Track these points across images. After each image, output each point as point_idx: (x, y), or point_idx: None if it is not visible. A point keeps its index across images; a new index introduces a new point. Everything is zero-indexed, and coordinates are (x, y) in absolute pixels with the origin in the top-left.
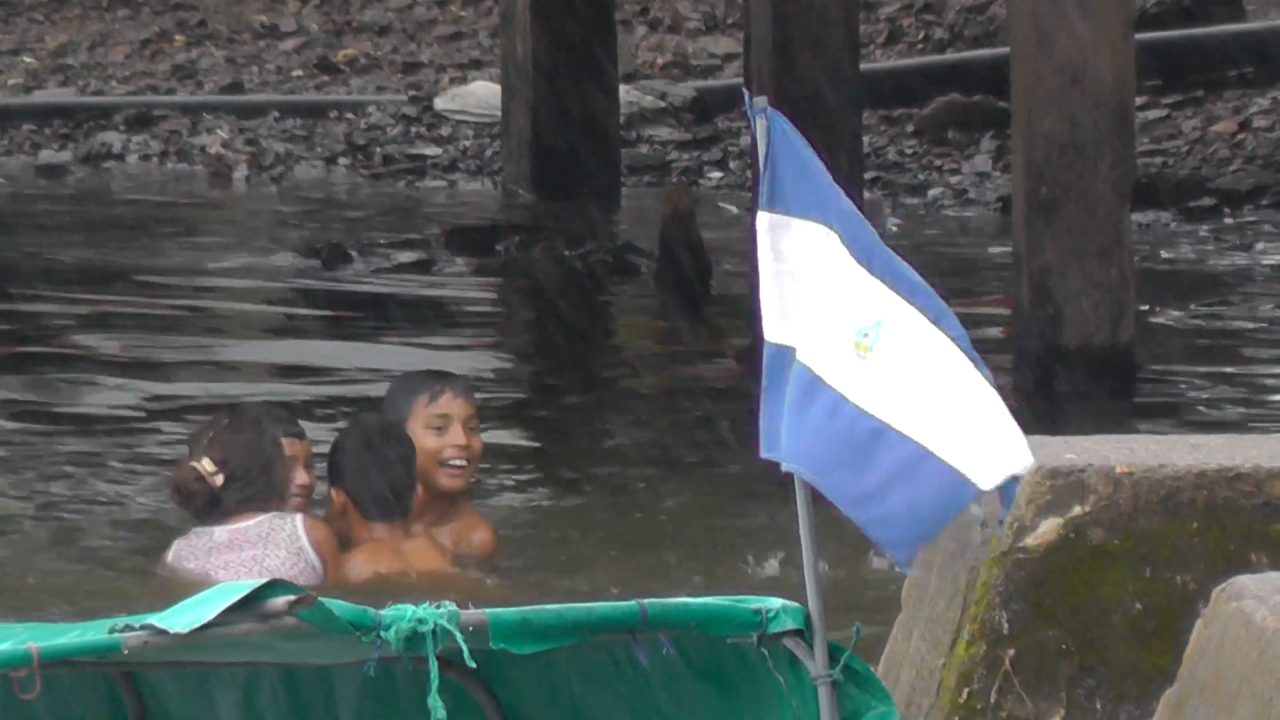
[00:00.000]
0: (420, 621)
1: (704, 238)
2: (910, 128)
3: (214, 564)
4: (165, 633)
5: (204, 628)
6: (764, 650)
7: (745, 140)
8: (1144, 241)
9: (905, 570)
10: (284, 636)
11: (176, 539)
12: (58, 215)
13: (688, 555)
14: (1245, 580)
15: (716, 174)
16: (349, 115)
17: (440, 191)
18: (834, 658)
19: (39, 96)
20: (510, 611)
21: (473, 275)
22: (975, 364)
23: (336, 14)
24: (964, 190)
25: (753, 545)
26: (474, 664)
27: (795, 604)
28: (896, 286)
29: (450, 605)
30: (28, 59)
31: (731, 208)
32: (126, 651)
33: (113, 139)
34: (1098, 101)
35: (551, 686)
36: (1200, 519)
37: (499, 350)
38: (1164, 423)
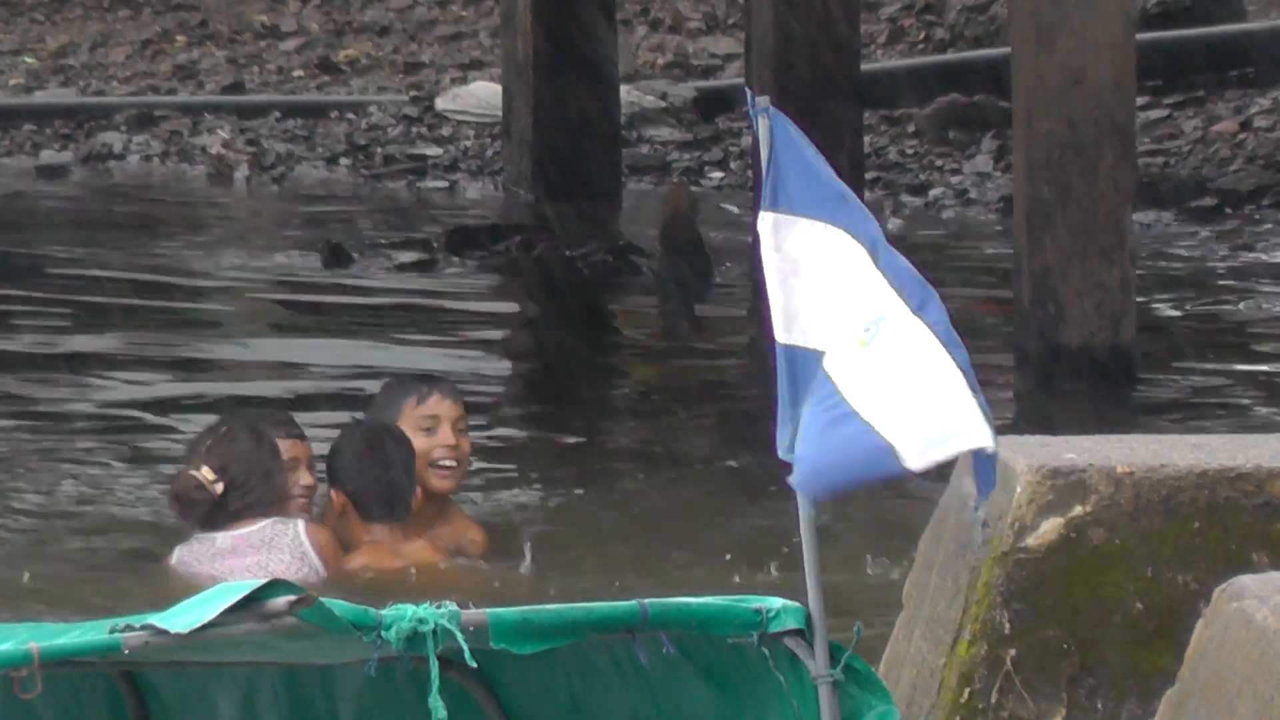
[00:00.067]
0: (421, 621)
1: (705, 238)
2: (911, 128)
3: (218, 570)
4: (166, 633)
5: (204, 628)
6: (765, 650)
7: (746, 140)
8: (1145, 241)
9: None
10: (284, 636)
11: (178, 545)
12: (58, 215)
13: (688, 554)
14: (1246, 580)
15: (717, 174)
16: (350, 115)
17: (441, 192)
18: (835, 657)
19: (40, 97)
20: (511, 611)
21: (473, 275)
22: (951, 348)
23: (337, 14)
24: (965, 190)
25: (753, 544)
26: (475, 664)
27: (796, 603)
28: (894, 280)
29: (451, 605)
30: (29, 59)
31: (733, 208)
32: (127, 651)
33: (114, 139)
34: (1099, 101)
35: (552, 686)
36: (1201, 519)
37: (499, 350)
38: (1165, 422)
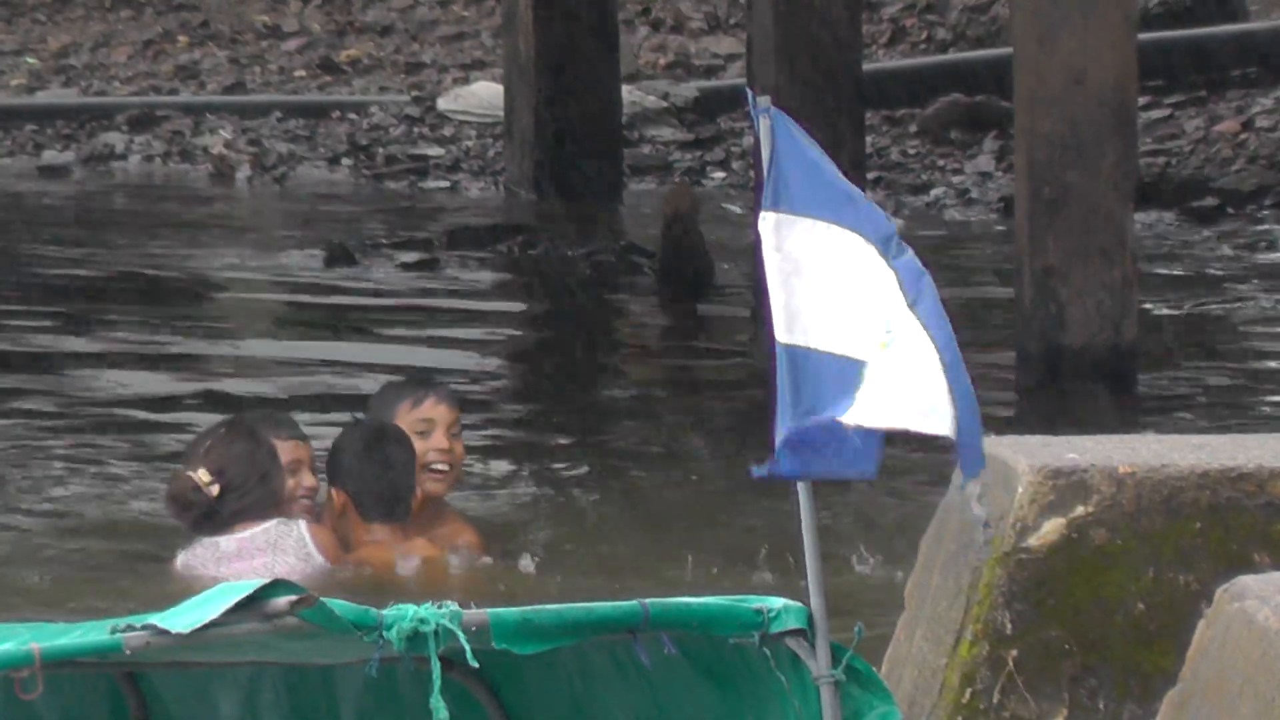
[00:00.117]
0: (422, 621)
1: (706, 238)
2: (913, 128)
3: (224, 574)
4: (167, 633)
5: (206, 628)
6: (766, 650)
7: (748, 140)
8: (1147, 242)
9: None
10: (286, 636)
11: (182, 550)
12: (60, 215)
13: (689, 555)
14: (1248, 580)
15: (719, 174)
16: (351, 115)
17: (443, 192)
18: (836, 657)
19: (42, 97)
20: (512, 611)
21: (475, 275)
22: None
23: (339, 14)
24: (966, 190)
25: (754, 544)
26: (476, 664)
27: (797, 604)
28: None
29: (452, 605)
30: (30, 59)
31: (734, 208)
32: (128, 652)
33: (115, 139)
34: (1100, 101)
35: (554, 686)
36: (1203, 519)
37: (501, 350)
38: (1166, 423)
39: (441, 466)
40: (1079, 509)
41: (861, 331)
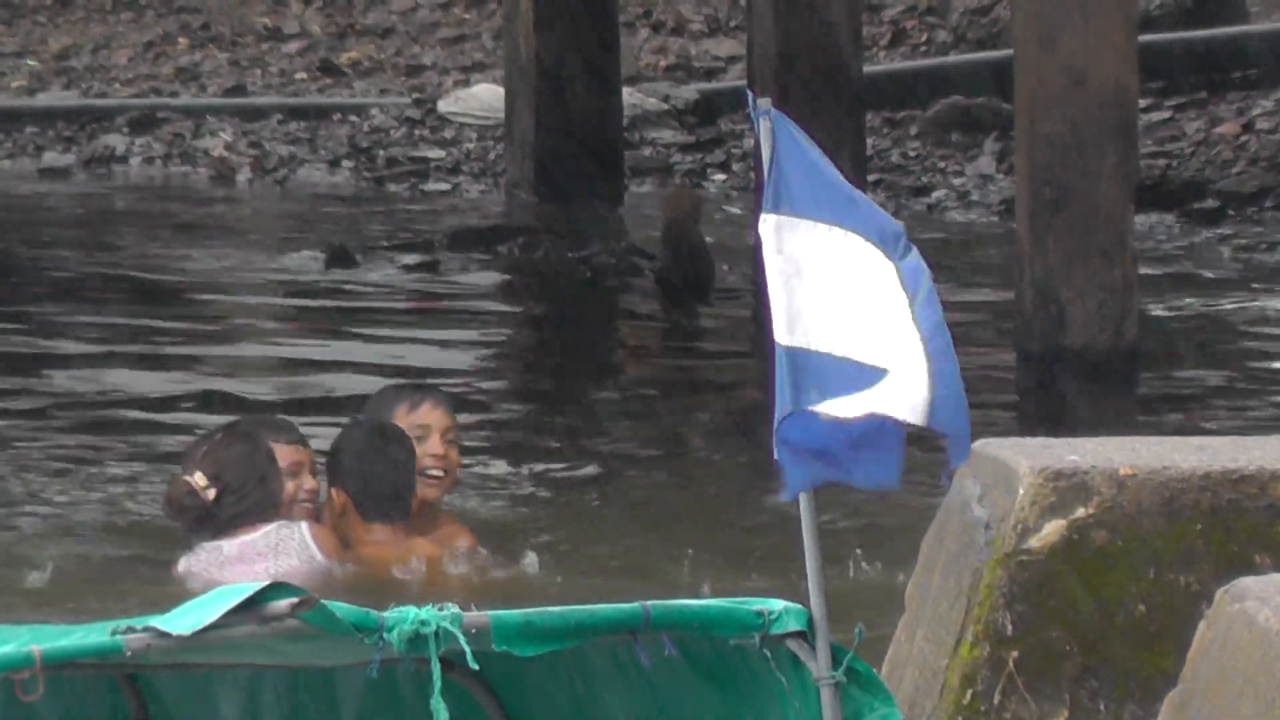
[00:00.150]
0: (423, 623)
1: (707, 240)
2: (913, 130)
3: (227, 578)
4: (167, 635)
5: (206, 630)
6: (766, 652)
7: (749, 143)
8: (1147, 243)
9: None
10: (286, 638)
11: (184, 555)
12: (61, 217)
13: (690, 556)
14: (1249, 582)
15: (720, 176)
16: (352, 118)
17: (443, 194)
18: (837, 659)
19: (42, 99)
20: (513, 613)
21: (476, 277)
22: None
23: (339, 16)
24: (967, 192)
25: (755, 546)
26: (477, 666)
27: (798, 605)
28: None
29: (453, 607)
30: (31, 61)
31: (735, 210)
32: (128, 653)
33: (116, 141)
34: (1101, 103)
35: (554, 688)
36: (1204, 521)
37: (501, 352)
38: (1167, 424)
39: (437, 472)
40: (1080, 510)
41: (863, 334)
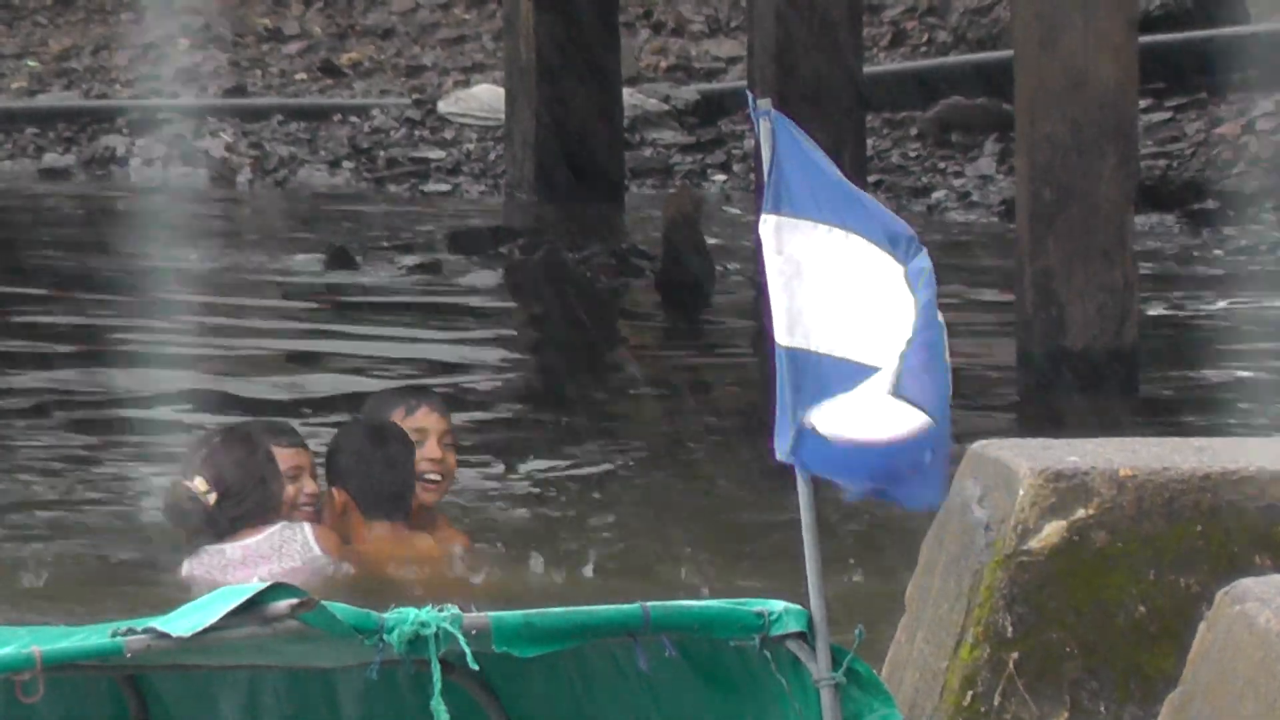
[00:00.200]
0: (423, 625)
1: (707, 241)
2: (914, 131)
3: (231, 581)
4: (168, 636)
5: (206, 631)
6: (766, 653)
7: (749, 143)
8: (1147, 244)
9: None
10: (287, 640)
11: (187, 558)
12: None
13: (690, 557)
14: (1249, 583)
15: (720, 177)
16: (353, 119)
17: (444, 195)
18: (837, 660)
19: (43, 100)
20: (513, 614)
21: (476, 278)
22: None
23: (340, 17)
24: (968, 193)
25: (755, 547)
26: (477, 667)
27: (798, 606)
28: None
29: (453, 608)
30: (31, 62)
31: (735, 211)
32: (129, 655)
33: (116, 142)
34: (1101, 104)
35: (554, 689)
36: (1204, 522)
37: (502, 353)
38: (1167, 425)
39: (434, 476)
40: (1080, 511)
41: (864, 335)
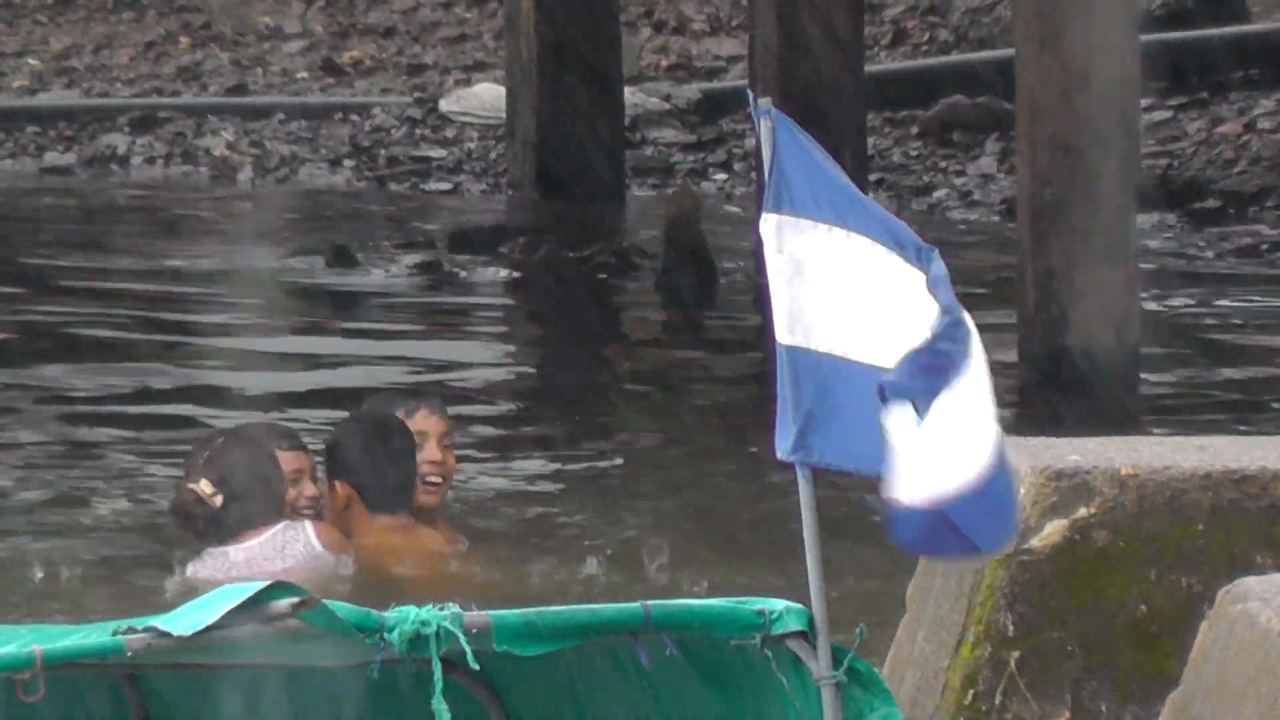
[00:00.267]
0: (424, 624)
1: (708, 240)
2: (915, 130)
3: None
4: (168, 635)
5: (207, 630)
6: (767, 652)
7: (750, 142)
8: (1149, 243)
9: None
10: (287, 639)
11: (190, 561)
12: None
13: (691, 556)
14: (1250, 582)
15: (721, 176)
16: (354, 117)
17: (445, 193)
18: (837, 659)
19: (43, 99)
20: (514, 613)
21: (477, 277)
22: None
23: (341, 16)
24: (969, 192)
25: (755, 546)
26: (478, 666)
27: (799, 605)
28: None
29: (454, 607)
30: (32, 61)
31: (736, 209)
32: (129, 654)
33: (117, 141)
34: (1102, 103)
35: (555, 688)
36: (1205, 521)
37: (503, 352)
38: (1169, 424)
39: (434, 478)
40: (1081, 510)
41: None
